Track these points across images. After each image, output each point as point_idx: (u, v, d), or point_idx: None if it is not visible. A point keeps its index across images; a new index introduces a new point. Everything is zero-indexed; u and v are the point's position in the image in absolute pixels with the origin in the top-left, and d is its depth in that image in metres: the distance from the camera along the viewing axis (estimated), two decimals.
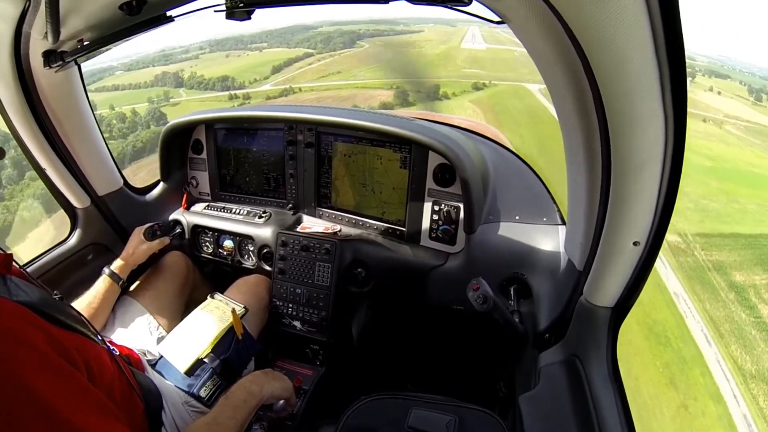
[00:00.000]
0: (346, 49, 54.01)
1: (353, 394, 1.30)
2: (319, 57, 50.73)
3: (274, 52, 54.39)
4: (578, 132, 0.95)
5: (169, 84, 38.91)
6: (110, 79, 37.76)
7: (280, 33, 63.32)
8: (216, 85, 37.64)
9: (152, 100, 32.46)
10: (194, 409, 1.37)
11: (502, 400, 1.81)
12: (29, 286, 0.96)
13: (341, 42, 54.97)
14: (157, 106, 31.44)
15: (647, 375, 11.79)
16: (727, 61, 45.03)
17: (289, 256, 1.85)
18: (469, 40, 52.06)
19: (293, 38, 58.39)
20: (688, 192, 21.03)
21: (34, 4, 1.10)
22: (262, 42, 59.61)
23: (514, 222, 1.67)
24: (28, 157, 1.69)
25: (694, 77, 37.45)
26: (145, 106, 31.08)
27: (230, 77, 40.19)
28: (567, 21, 0.72)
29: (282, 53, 52.72)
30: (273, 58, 49.21)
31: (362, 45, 57.13)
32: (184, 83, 39.09)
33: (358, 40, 58.33)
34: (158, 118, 26.90)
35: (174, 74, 40.34)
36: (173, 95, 36.54)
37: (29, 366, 0.75)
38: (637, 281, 1.07)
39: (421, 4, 0.90)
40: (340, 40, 55.49)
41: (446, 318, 1.90)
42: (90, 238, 1.93)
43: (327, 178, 1.99)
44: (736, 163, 28.28)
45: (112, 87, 37.79)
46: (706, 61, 44.10)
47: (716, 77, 40.16)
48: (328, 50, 52.72)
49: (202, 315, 1.63)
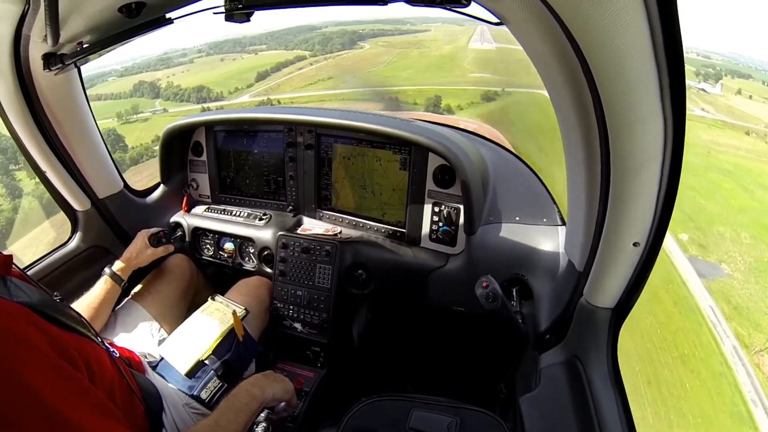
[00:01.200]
0: (344, 51, 50.76)
1: (354, 396, 1.29)
2: (313, 60, 47.26)
3: (269, 54, 51.69)
4: (577, 132, 0.95)
5: (147, 94, 34.48)
6: (101, 86, 33.69)
7: (282, 34, 59.78)
8: (191, 96, 33.77)
9: (121, 114, 27.02)
10: (195, 410, 1.37)
11: (503, 401, 1.81)
12: (29, 288, 0.96)
13: (340, 43, 51.87)
14: (118, 124, 25.54)
15: None
16: (740, 59, 42.97)
17: (290, 258, 1.85)
18: (477, 39, 45.10)
19: (294, 39, 55.57)
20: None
21: (34, 6, 1.10)
22: (262, 44, 56.63)
23: (514, 223, 1.67)
24: (28, 160, 1.69)
25: (719, 78, 34.49)
26: (109, 123, 24.58)
27: (206, 87, 36.14)
28: (565, 22, 0.72)
29: (276, 56, 49.76)
30: (264, 62, 46.21)
31: (362, 46, 53.72)
32: (161, 93, 34.59)
33: (359, 41, 55.13)
34: (113, 143, 18.40)
35: (150, 84, 34.38)
36: (144, 108, 31.20)
37: (29, 366, 0.75)
38: (637, 282, 1.07)
39: (420, 6, 0.90)
40: (339, 41, 52.35)
41: (447, 319, 1.89)
42: (90, 241, 1.94)
43: (327, 180, 1.99)
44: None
45: (96, 97, 31.46)
46: (720, 59, 41.35)
47: (738, 77, 36.94)
48: (325, 52, 49.74)
49: (203, 317, 1.63)
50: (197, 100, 33.21)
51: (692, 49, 46.30)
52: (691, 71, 37.58)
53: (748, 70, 36.83)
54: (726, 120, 27.68)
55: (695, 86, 33.16)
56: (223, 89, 37.34)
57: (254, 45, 56.76)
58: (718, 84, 30.88)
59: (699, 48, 52.35)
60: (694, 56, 43.57)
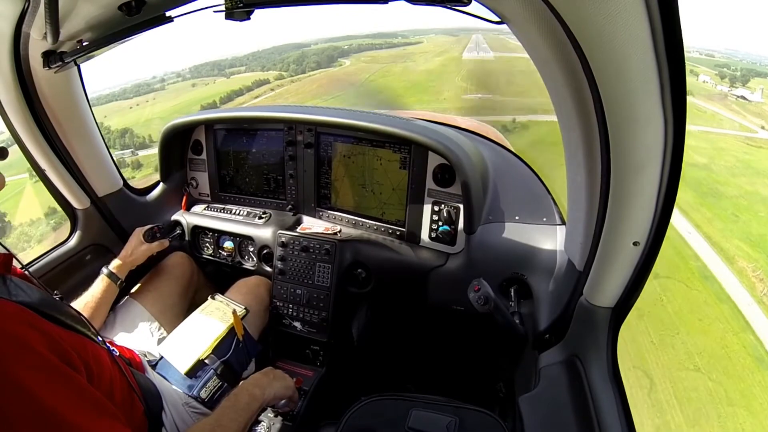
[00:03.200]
0: (318, 70, 45.12)
1: (353, 395, 1.30)
2: (277, 85, 41.90)
3: (240, 78, 47.01)
4: (578, 132, 0.95)
5: None
6: None
7: (267, 53, 55.82)
8: (116, 142, 26.56)
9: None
10: (195, 410, 1.37)
11: (503, 400, 1.81)
12: (29, 287, 0.96)
13: (315, 61, 46.43)
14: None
15: None
16: (738, 55, 41.37)
17: (289, 257, 1.85)
18: (473, 49, 38.43)
19: (276, 59, 51.07)
20: None
21: (34, 4, 1.10)
22: (242, 65, 52.58)
23: (514, 222, 1.67)
24: (28, 158, 1.68)
25: (746, 81, 29.23)
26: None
27: (130, 130, 28.02)
28: (566, 20, 0.72)
29: (245, 79, 44.98)
30: (226, 89, 41.57)
31: (342, 63, 48.65)
32: None
33: (342, 57, 49.97)
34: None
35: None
36: None
37: (27, 368, 0.75)
38: (637, 281, 1.07)
39: (421, 5, 0.90)
40: (314, 59, 47.13)
41: (446, 319, 1.90)
42: (90, 239, 1.93)
43: (327, 179, 1.99)
44: None
45: None
46: (720, 56, 39.15)
47: (757, 77, 33.28)
48: (298, 72, 45.02)
49: (203, 316, 1.63)
50: (121, 146, 26.59)
51: (692, 48, 44.17)
52: (713, 74, 34.49)
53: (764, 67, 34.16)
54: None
55: (730, 93, 29.77)
56: (150, 133, 27.32)
57: (236, 66, 52.81)
58: (759, 89, 28.05)
59: (697, 46, 49.35)
60: (697, 55, 41.51)
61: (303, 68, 46.55)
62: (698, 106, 30.06)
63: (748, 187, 21.93)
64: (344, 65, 48.82)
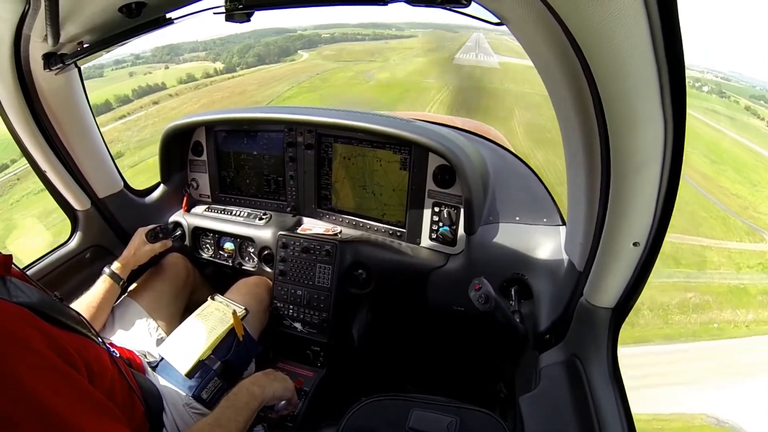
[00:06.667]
0: (255, 68, 37.56)
1: (354, 396, 1.30)
2: (194, 85, 35.23)
3: (178, 68, 39.71)
4: (578, 133, 0.95)
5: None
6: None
7: (245, 37, 48.32)
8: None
9: None
10: (195, 410, 1.37)
11: (503, 400, 1.81)
12: (29, 288, 0.96)
13: (256, 55, 38.52)
14: None
15: None
16: (740, 77, 40.52)
17: (290, 258, 1.85)
18: (472, 49, 27.48)
19: (233, 48, 43.90)
20: None
21: (34, 6, 1.10)
22: (201, 51, 45.26)
23: (514, 223, 1.67)
24: (29, 159, 1.69)
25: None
26: None
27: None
28: (566, 22, 0.72)
29: (179, 71, 38.06)
30: (151, 82, 35.29)
31: (296, 58, 39.67)
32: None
33: (304, 49, 41.66)
34: None
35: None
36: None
37: (28, 368, 0.75)
38: (637, 282, 1.07)
39: (420, 6, 0.90)
40: (258, 51, 39.20)
41: (447, 319, 1.90)
42: (90, 241, 1.94)
43: (327, 180, 1.99)
44: None
45: None
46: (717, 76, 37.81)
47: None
48: (229, 70, 37.94)
49: (203, 317, 1.63)
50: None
51: (711, 70, 41.30)
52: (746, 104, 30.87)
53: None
54: None
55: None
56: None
57: (196, 51, 45.95)
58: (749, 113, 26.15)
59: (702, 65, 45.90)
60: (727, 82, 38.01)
61: (239, 63, 37.68)
62: None
63: None
64: (297, 61, 41.48)
